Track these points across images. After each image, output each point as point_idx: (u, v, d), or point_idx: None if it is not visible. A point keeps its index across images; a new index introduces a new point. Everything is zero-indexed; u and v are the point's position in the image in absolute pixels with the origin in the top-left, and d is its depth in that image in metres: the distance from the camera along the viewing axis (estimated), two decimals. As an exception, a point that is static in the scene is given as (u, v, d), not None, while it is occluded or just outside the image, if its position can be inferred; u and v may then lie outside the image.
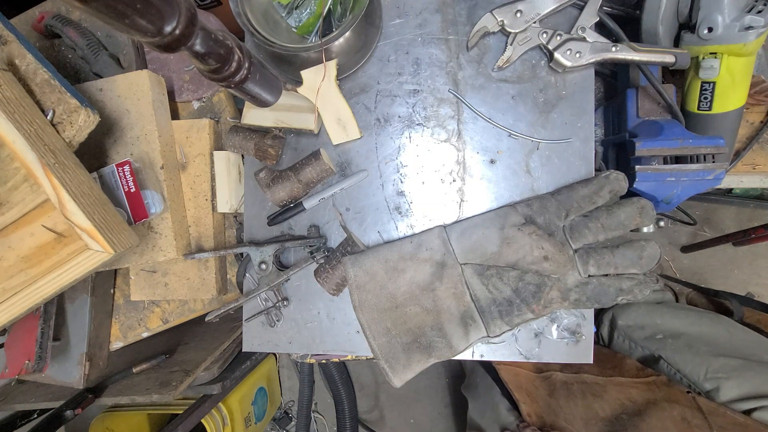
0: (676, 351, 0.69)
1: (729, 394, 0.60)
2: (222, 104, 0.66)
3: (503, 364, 0.74)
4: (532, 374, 0.73)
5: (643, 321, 0.77)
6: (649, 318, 0.76)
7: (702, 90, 0.51)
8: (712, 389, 0.62)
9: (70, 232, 0.45)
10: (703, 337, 0.70)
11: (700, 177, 0.48)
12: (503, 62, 0.51)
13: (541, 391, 0.70)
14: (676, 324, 0.74)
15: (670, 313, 0.76)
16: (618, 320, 0.79)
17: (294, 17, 0.52)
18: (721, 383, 0.62)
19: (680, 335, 0.71)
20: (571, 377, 0.69)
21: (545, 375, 0.72)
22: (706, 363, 0.64)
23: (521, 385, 0.71)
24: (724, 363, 0.64)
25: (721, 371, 0.63)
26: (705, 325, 0.72)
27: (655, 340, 0.73)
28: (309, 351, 0.56)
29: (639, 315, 0.78)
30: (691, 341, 0.69)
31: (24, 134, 0.43)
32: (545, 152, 0.52)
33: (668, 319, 0.75)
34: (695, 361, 0.66)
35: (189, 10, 0.28)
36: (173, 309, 0.69)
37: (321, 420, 1.41)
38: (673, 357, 0.69)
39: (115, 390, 0.74)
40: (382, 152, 0.55)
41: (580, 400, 0.65)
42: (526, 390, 0.70)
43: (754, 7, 0.44)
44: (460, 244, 0.50)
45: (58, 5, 0.65)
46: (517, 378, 0.72)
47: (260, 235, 0.57)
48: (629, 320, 0.78)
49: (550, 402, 0.67)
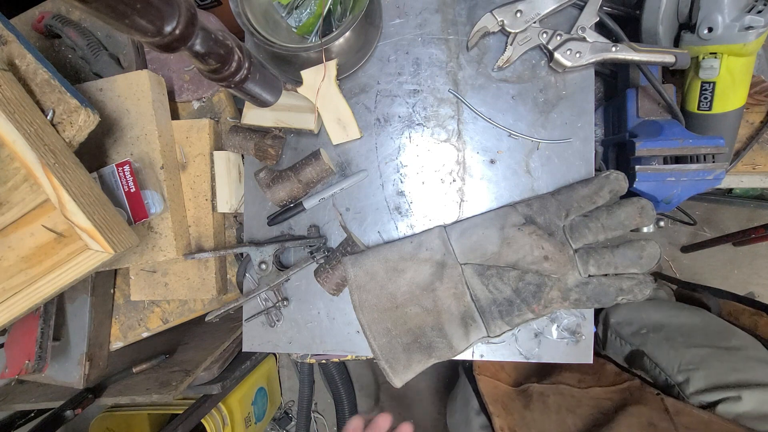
0: (655, 345, 0.70)
1: (697, 384, 0.61)
2: (222, 104, 0.66)
3: (485, 375, 0.73)
4: (510, 388, 0.73)
5: (631, 317, 0.77)
6: (636, 313, 0.77)
7: (702, 90, 0.51)
8: (683, 381, 0.63)
9: (70, 232, 0.45)
10: (682, 329, 0.71)
11: (700, 177, 0.48)
12: (503, 62, 0.51)
13: (518, 404, 0.70)
14: (658, 317, 0.74)
15: (653, 308, 0.76)
16: (610, 318, 0.80)
17: (294, 17, 0.52)
18: (690, 375, 0.62)
19: (661, 328, 0.72)
20: (548, 388, 0.69)
21: (522, 388, 0.71)
22: (679, 355, 0.65)
23: (498, 398, 0.70)
24: (695, 354, 0.64)
25: (692, 362, 0.64)
26: (684, 316, 0.73)
27: (639, 335, 0.74)
28: (309, 351, 0.56)
29: (627, 311, 0.78)
30: (669, 334, 0.70)
31: (24, 134, 0.43)
32: (545, 152, 0.52)
33: (651, 313, 0.75)
34: (671, 355, 0.66)
35: (189, 10, 0.28)
36: (173, 309, 0.69)
37: (321, 420, 1.41)
38: (653, 351, 0.70)
39: (115, 390, 0.74)
40: (382, 152, 0.55)
41: (554, 415, 0.65)
42: (502, 403, 0.69)
43: (754, 7, 0.44)
44: (460, 244, 0.50)
45: (58, 5, 0.65)
46: (495, 390, 0.72)
47: (260, 235, 0.57)
48: (619, 317, 0.79)
49: (525, 415, 0.67)
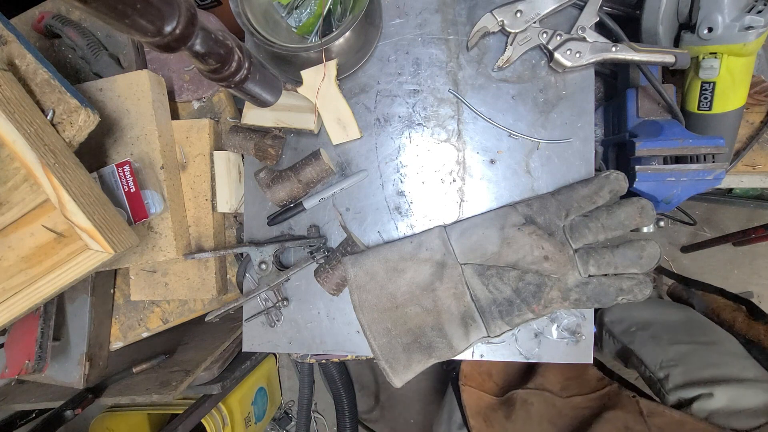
0: (642, 343, 0.71)
1: (675, 380, 0.63)
2: (222, 104, 0.66)
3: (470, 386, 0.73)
4: (494, 399, 0.72)
5: (622, 315, 0.78)
6: (627, 312, 0.78)
7: (702, 90, 0.51)
8: (664, 377, 0.64)
9: (70, 232, 0.45)
10: (667, 326, 0.72)
11: (700, 177, 0.48)
12: (503, 62, 0.51)
13: (500, 415, 0.69)
14: (646, 314, 0.75)
15: (642, 305, 0.77)
16: (604, 317, 0.80)
17: (294, 17, 0.52)
18: (671, 371, 0.64)
19: (649, 326, 0.73)
20: (532, 393, 0.68)
21: (506, 397, 0.71)
22: (662, 353, 0.67)
23: (480, 410, 0.70)
24: (677, 350, 0.66)
25: (673, 359, 0.65)
26: (670, 314, 0.74)
27: (629, 333, 0.74)
28: (309, 351, 0.56)
29: (619, 310, 0.79)
30: (656, 332, 0.71)
31: (24, 134, 0.43)
32: (545, 152, 0.52)
33: (641, 310, 0.76)
34: (656, 352, 0.68)
35: (189, 10, 0.28)
36: (173, 309, 0.69)
37: (321, 420, 1.41)
38: (640, 349, 0.71)
39: (115, 390, 0.74)
40: (382, 152, 0.55)
41: (536, 426, 0.66)
42: (484, 416, 0.69)
43: (754, 7, 0.44)
44: (460, 244, 0.50)
45: (58, 5, 0.65)
46: (478, 402, 0.71)
47: (260, 235, 0.57)
48: (612, 316, 0.79)
49: (506, 426, 0.67)
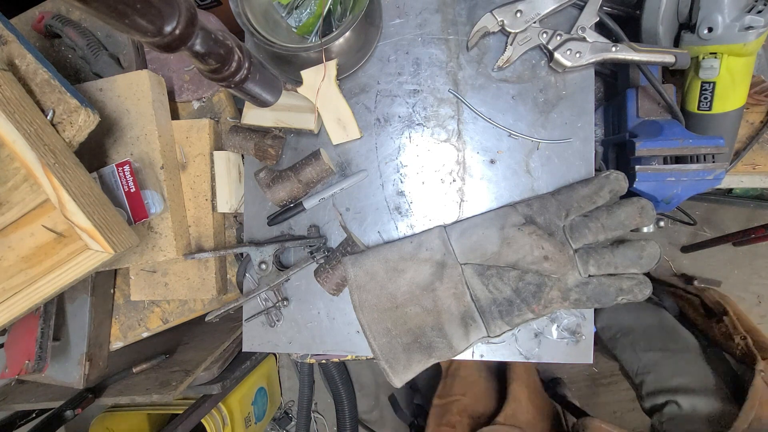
0: (623, 349, 0.74)
1: (647, 388, 0.66)
2: (222, 104, 0.66)
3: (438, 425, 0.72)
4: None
5: (610, 321, 0.79)
6: (613, 317, 0.79)
7: (702, 90, 0.51)
8: (640, 384, 0.68)
9: (70, 232, 0.45)
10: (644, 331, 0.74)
11: (700, 177, 0.48)
12: (503, 62, 0.51)
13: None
14: (628, 320, 0.77)
15: (625, 310, 0.78)
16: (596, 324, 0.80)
17: (294, 17, 0.52)
18: (644, 378, 0.68)
19: (630, 332, 0.75)
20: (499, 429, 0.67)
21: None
22: (638, 359, 0.70)
23: None
24: (650, 358, 0.69)
25: (647, 366, 0.68)
26: (646, 317, 0.76)
27: (614, 340, 0.76)
28: (309, 351, 0.56)
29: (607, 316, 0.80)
30: (635, 338, 0.74)
31: (24, 134, 0.43)
32: (545, 152, 0.52)
33: (623, 316, 0.78)
34: (634, 359, 0.71)
35: (189, 10, 0.28)
36: (173, 309, 0.69)
37: (321, 420, 1.41)
38: (622, 356, 0.74)
39: (115, 390, 0.74)
40: (382, 152, 0.55)
41: None
42: None
43: (754, 7, 0.44)
44: (460, 244, 0.50)
45: (58, 5, 0.65)
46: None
47: (260, 235, 0.57)
48: (602, 322, 0.80)
49: None
